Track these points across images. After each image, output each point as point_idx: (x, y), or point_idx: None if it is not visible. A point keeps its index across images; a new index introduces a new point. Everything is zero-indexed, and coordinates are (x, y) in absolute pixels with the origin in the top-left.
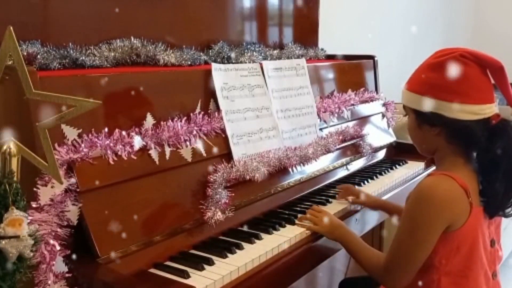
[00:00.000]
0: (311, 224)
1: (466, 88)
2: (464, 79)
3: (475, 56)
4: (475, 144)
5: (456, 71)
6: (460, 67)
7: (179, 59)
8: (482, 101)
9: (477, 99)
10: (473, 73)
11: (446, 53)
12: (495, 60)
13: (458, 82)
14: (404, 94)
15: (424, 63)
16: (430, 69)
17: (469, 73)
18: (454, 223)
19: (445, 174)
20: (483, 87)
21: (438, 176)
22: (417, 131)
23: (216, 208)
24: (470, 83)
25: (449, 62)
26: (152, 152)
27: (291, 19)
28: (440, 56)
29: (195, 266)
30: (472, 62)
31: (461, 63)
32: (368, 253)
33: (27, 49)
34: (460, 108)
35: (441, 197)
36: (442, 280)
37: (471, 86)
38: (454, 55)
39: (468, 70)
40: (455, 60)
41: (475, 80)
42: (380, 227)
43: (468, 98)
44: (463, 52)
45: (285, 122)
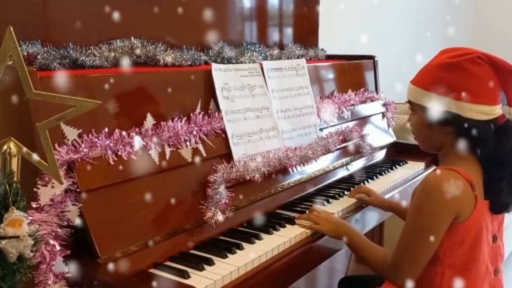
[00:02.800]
0: (312, 224)
1: (482, 89)
2: (480, 81)
3: (490, 59)
4: (484, 143)
5: (473, 72)
6: (476, 68)
7: (179, 59)
8: (494, 102)
9: (490, 100)
10: (488, 75)
11: (461, 54)
12: (509, 64)
13: (475, 83)
14: (413, 91)
15: (436, 62)
16: (446, 68)
17: (484, 75)
18: (460, 216)
19: (450, 169)
20: (494, 89)
21: (444, 170)
22: (426, 129)
23: (216, 208)
24: (485, 85)
25: (467, 63)
26: (152, 152)
27: (291, 19)
28: (456, 56)
29: (195, 266)
30: (487, 64)
31: (477, 65)
32: (374, 250)
33: (27, 49)
34: (475, 108)
35: (447, 189)
36: (446, 273)
37: (485, 87)
38: (471, 56)
39: (484, 71)
40: (472, 62)
41: (489, 81)
42: (380, 227)
43: (483, 99)
44: (480, 54)
45: (285, 122)
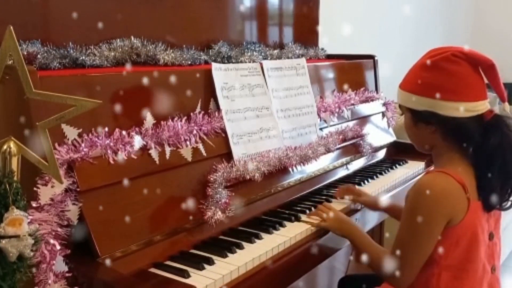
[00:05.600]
0: (319, 221)
1: (459, 86)
2: (457, 78)
3: (466, 55)
4: (470, 141)
5: (449, 70)
6: (452, 66)
7: (179, 59)
8: (475, 98)
9: (470, 96)
10: (465, 72)
11: (438, 53)
12: (486, 58)
13: (451, 81)
14: (399, 94)
15: (417, 63)
16: (423, 69)
17: (461, 72)
18: (453, 219)
19: (442, 172)
20: (475, 85)
21: (435, 174)
22: (414, 130)
23: (216, 208)
24: (462, 82)
25: (442, 62)
26: (152, 152)
27: (291, 18)
28: (433, 56)
29: (195, 265)
30: (464, 61)
31: (452, 63)
32: (376, 250)
33: (27, 48)
34: (454, 106)
35: (439, 193)
36: (442, 274)
37: (463, 84)
38: (446, 55)
39: (460, 69)
40: (447, 60)
41: (467, 78)
42: (380, 227)
43: (461, 96)
44: (455, 52)
45: (285, 121)
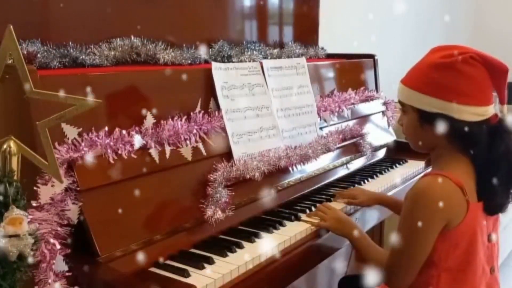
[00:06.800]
0: (319, 220)
1: (475, 90)
2: (474, 82)
3: (483, 59)
4: (476, 144)
5: (467, 73)
6: (470, 69)
7: (179, 58)
8: (486, 102)
9: (483, 100)
10: (481, 76)
11: (454, 54)
12: (502, 64)
13: (468, 84)
14: (402, 90)
15: (428, 62)
16: (439, 69)
17: (478, 76)
18: (451, 222)
19: (440, 174)
20: (487, 89)
21: (433, 176)
22: (417, 130)
23: (216, 207)
24: (478, 86)
25: (460, 64)
26: (152, 151)
27: (291, 18)
28: (449, 56)
29: (195, 265)
30: (481, 64)
31: (471, 66)
32: (374, 251)
33: (27, 48)
34: (468, 110)
35: (437, 196)
36: (442, 276)
37: (478, 88)
38: (465, 57)
39: (478, 72)
40: (466, 63)
41: (482, 82)
42: (380, 226)
43: (476, 100)
44: (473, 54)
45: (285, 121)
